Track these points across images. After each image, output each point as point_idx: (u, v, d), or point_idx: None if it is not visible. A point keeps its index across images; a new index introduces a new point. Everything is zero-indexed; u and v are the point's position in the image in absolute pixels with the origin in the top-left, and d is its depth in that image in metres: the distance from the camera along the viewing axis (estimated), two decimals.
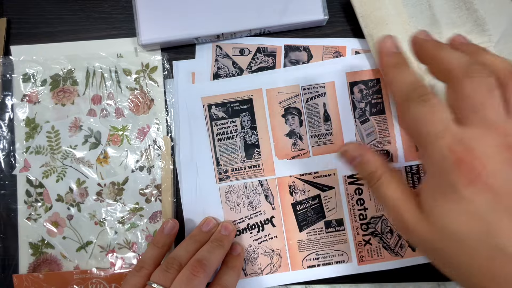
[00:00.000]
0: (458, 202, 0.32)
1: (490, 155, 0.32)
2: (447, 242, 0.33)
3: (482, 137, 0.33)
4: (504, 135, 0.33)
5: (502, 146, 0.32)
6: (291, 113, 0.56)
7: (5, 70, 0.56)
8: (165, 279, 0.46)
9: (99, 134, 0.56)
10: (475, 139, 0.33)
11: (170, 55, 0.57)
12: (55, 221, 0.56)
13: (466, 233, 0.32)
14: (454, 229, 0.33)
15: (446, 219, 0.33)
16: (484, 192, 0.31)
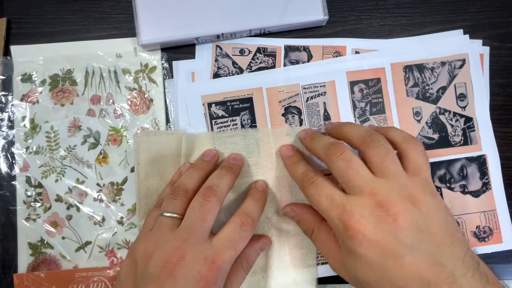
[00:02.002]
0: (358, 259, 0.41)
1: (366, 215, 0.41)
2: (363, 287, 0.42)
3: (358, 201, 0.42)
4: (372, 195, 0.42)
5: (373, 205, 0.41)
6: (291, 112, 0.58)
7: (5, 70, 0.58)
8: (174, 206, 0.48)
9: (98, 134, 0.58)
10: (354, 205, 0.42)
11: (170, 55, 0.59)
12: (54, 221, 0.57)
13: (373, 281, 0.41)
14: (363, 279, 0.41)
15: (356, 272, 0.42)
16: (371, 246, 0.40)
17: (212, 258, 0.43)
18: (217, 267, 0.43)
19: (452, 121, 0.58)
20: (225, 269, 0.44)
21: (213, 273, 0.42)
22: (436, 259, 0.39)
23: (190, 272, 0.42)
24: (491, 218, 0.57)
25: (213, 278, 0.42)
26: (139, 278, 0.43)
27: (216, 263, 0.43)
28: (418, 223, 0.40)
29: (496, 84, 0.59)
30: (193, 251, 0.43)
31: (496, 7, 0.60)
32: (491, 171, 0.58)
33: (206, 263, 0.43)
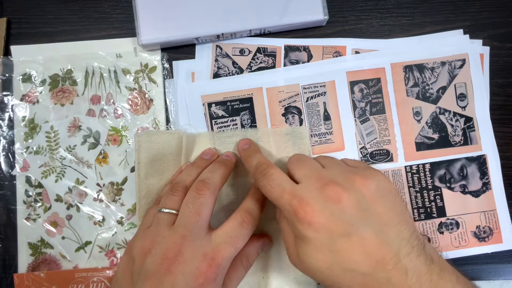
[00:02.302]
0: (308, 243, 0.42)
1: (315, 197, 0.43)
2: (317, 276, 0.43)
3: (306, 186, 0.44)
4: (320, 179, 0.44)
5: (320, 188, 0.43)
6: (291, 112, 0.58)
7: (5, 70, 0.58)
8: (173, 202, 0.48)
9: (98, 134, 0.58)
10: (303, 189, 0.44)
11: (170, 55, 0.59)
12: (54, 221, 0.57)
13: (324, 268, 0.41)
14: (316, 266, 0.42)
15: (308, 260, 0.42)
16: (320, 228, 0.41)
17: (212, 255, 0.43)
18: (217, 264, 0.43)
19: (452, 121, 0.58)
20: (224, 266, 0.44)
21: (213, 270, 0.42)
22: (382, 238, 0.40)
23: (188, 268, 0.42)
24: (491, 218, 0.57)
25: (212, 274, 0.42)
26: (136, 275, 0.43)
27: (216, 260, 0.43)
28: (362, 203, 0.42)
29: (496, 84, 0.59)
30: (192, 247, 0.43)
31: (496, 7, 0.60)
32: (491, 171, 0.58)
33: (206, 260, 0.42)
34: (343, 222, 0.41)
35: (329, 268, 0.41)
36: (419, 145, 0.58)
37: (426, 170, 0.58)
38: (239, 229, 0.46)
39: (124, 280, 0.45)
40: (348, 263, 0.40)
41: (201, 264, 0.42)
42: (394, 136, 0.58)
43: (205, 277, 0.42)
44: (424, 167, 0.58)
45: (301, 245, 0.43)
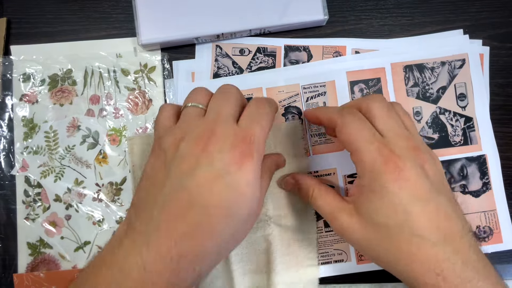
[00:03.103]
0: (385, 197, 0.41)
1: (405, 155, 0.41)
2: (378, 234, 0.41)
3: (398, 142, 0.42)
4: (410, 140, 0.43)
5: (410, 148, 0.42)
6: (291, 112, 0.58)
7: (5, 69, 0.58)
8: (200, 97, 0.46)
9: (97, 134, 0.58)
10: (393, 143, 0.42)
11: (170, 55, 0.59)
12: (53, 221, 0.57)
13: (392, 225, 0.40)
14: (383, 221, 0.41)
15: (375, 213, 0.41)
16: (405, 186, 0.40)
17: (243, 134, 0.41)
18: (249, 141, 0.41)
19: (452, 121, 0.58)
20: (257, 143, 0.42)
21: (246, 145, 0.41)
22: (451, 212, 0.41)
23: (223, 145, 0.40)
24: (491, 218, 0.57)
25: (246, 149, 0.40)
26: (169, 161, 0.41)
27: (247, 137, 0.41)
28: (439, 174, 0.43)
29: (496, 84, 0.59)
30: (223, 128, 0.41)
31: (496, 7, 0.60)
32: (491, 171, 0.58)
33: (237, 138, 0.41)
34: (426, 186, 0.40)
35: (399, 226, 0.40)
36: None
37: None
38: (257, 110, 0.45)
39: (155, 171, 0.43)
40: (418, 229, 0.39)
41: (235, 141, 0.40)
42: None
43: (241, 152, 0.40)
44: None
45: (373, 200, 0.42)
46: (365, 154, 0.42)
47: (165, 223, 0.38)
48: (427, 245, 0.39)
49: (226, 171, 0.39)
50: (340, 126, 0.45)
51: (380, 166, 0.41)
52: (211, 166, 0.39)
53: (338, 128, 0.45)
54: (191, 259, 0.38)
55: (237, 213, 0.40)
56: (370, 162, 0.42)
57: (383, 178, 0.41)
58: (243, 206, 0.40)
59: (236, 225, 0.40)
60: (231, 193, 0.39)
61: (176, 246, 0.37)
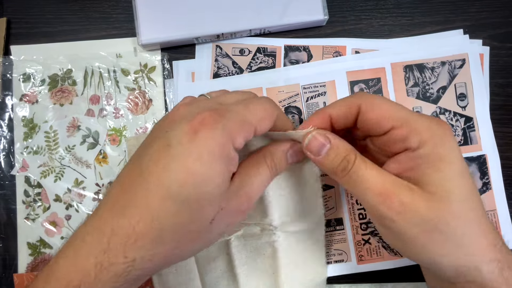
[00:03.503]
0: (455, 163, 0.37)
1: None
2: (449, 209, 0.36)
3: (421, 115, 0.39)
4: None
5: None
6: (292, 112, 0.58)
7: (5, 70, 0.58)
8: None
9: (97, 134, 0.58)
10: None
11: (170, 55, 0.60)
12: (53, 221, 0.57)
13: (464, 195, 0.36)
14: (457, 194, 0.36)
15: (448, 185, 0.36)
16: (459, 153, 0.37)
17: (216, 106, 0.38)
18: (219, 111, 0.36)
19: (453, 121, 0.58)
20: (233, 117, 0.36)
21: (212, 113, 0.35)
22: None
23: (188, 114, 0.36)
24: (491, 218, 0.57)
25: (210, 117, 0.35)
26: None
27: (220, 108, 0.36)
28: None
29: (496, 84, 0.59)
30: (203, 102, 0.39)
31: (496, 7, 0.60)
32: (491, 171, 0.58)
33: (207, 107, 0.37)
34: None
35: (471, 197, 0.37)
36: None
37: None
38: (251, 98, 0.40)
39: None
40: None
41: (203, 110, 0.36)
42: None
43: (202, 119, 0.34)
44: None
45: (442, 169, 0.37)
46: (418, 122, 0.38)
47: (112, 198, 0.36)
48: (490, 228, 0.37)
49: (178, 141, 0.34)
50: (370, 106, 0.40)
51: (443, 131, 0.37)
52: (165, 136, 0.35)
53: (367, 109, 0.40)
54: (121, 240, 0.33)
55: (180, 195, 0.33)
56: (428, 129, 0.37)
57: (447, 144, 0.37)
58: (189, 189, 0.33)
59: (179, 211, 0.34)
60: (174, 169, 0.33)
61: (111, 221, 0.34)
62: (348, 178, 0.39)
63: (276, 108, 0.42)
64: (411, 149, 0.38)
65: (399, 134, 0.38)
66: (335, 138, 0.41)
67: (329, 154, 0.40)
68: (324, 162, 0.41)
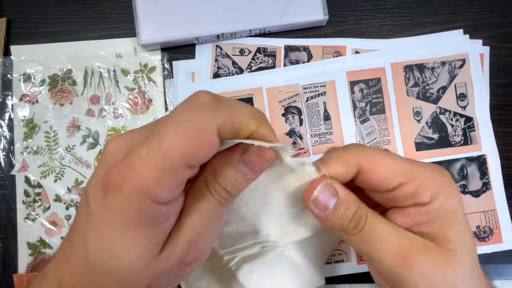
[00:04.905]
0: (464, 215, 0.36)
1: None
2: (465, 268, 0.35)
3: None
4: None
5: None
6: (291, 112, 0.58)
7: (5, 70, 0.58)
8: None
9: (97, 134, 0.58)
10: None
11: (170, 55, 0.60)
12: (53, 221, 0.57)
13: (472, 247, 0.36)
14: (468, 248, 0.35)
15: (462, 238, 0.35)
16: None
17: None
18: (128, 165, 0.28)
19: (452, 121, 0.58)
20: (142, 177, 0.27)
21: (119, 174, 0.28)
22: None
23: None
24: (491, 218, 0.58)
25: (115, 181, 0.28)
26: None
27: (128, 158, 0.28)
28: None
29: (496, 84, 0.60)
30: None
31: (496, 7, 0.60)
32: (491, 171, 0.58)
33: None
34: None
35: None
36: (419, 145, 0.58)
37: None
38: (177, 112, 0.29)
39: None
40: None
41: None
42: (394, 136, 0.58)
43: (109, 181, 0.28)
44: None
45: (454, 226, 0.35)
46: (423, 175, 0.35)
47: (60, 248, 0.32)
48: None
49: (93, 198, 0.29)
50: (373, 167, 0.36)
51: (447, 180, 0.36)
52: (87, 188, 0.30)
53: (370, 170, 0.36)
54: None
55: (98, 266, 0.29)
56: (434, 181, 0.35)
57: (455, 195, 0.35)
58: (108, 260, 0.29)
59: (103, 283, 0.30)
60: (91, 237, 0.29)
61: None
62: (361, 237, 0.35)
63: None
64: (422, 204, 0.35)
65: (408, 191, 0.35)
66: (343, 189, 0.36)
67: (338, 209, 0.35)
68: (333, 218, 0.36)
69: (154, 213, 0.28)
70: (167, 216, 0.30)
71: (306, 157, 0.58)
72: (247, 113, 0.31)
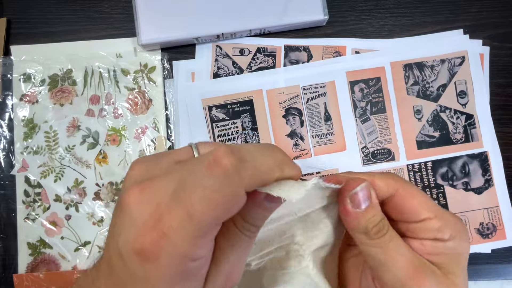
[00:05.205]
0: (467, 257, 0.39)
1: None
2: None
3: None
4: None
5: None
6: (292, 113, 0.58)
7: (5, 70, 0.58)
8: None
9: (97, 134, 0.58)
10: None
11: (170, 55, 0.60)
12: (53, 221, 0.57)
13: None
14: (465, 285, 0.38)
15: (463, 276, 0.38)
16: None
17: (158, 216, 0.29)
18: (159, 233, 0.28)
19: (453, 119, 0.58)
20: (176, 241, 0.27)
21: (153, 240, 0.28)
22: None
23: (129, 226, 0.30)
24: (494, 215, 0.57)
25: (152, 247, 0.28)
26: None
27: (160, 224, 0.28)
28: None
29: (496, 84, 0.60)
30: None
31: (496, 7, 0.61)
32: (493, 167, 0.58)
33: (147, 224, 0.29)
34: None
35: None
36: (420, 144, 0.58)
37: (428, 168, 0.58)
38: (201, 176, 0.28)
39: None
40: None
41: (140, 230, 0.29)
42: (395, 135, 0.58)
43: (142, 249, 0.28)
44: (426, 165, 0.58)
45: (460, 261, 0.39)
46: (447, 217, 0.38)
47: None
48: None
49: (126, 254, 0.29)
50: (409, 193, 0.39)
51: (463, 228, 0.38)
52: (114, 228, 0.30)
53: (406, 195, 0.39)
54: None
55: None
56: (455, 225, 0.38)
57: (467, 241, 0.39)
58: None
59: None
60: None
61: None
62: (381, 241, 0.37)
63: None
64: (442, 240, 0.38)
65: (434, 225, 0.38)
66: (376, 197, 0.39)
67: (369, 211, 0.38)
68: (361, 218, 0.38)
69: (194, 268, 0.30)
70: (206, 263, 0.31)
71: (308, 158, 0.58)
72: (270, 163, 0.31)
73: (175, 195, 0.28)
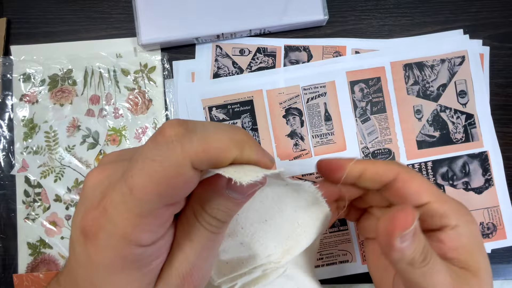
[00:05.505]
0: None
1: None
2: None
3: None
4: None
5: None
6: (292, 113, 0.58)
7: (5, 70, 0.58)
8: None
9: (97, 134, 0.58)
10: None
11: (170, 55, 0.60)
12: (53, 221, 0.57)
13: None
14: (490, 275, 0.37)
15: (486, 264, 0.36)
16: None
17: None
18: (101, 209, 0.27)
19: (453, 118, 0.58)
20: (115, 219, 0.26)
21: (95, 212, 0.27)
22: None
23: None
24: (494, 215, 0.58)
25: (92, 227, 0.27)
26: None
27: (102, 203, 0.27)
28: None
29: (496, 84, 0.60)
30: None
31: (496, 7, 0.61)
32: (493, 167, 0.58)
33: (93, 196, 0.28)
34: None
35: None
36: (420, 143, 0.58)
37: (428, 168, 0.58)
38: (145, 148, 0.27)
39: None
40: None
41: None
42: (395, 135, 0.58)
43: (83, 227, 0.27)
44: (426, 165, 0.58)
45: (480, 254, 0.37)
46: (450, 200, 0.38)
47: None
48: None
49: (76, 241, 0.28)
50: (410, 176, 0.38)
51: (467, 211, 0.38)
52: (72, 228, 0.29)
53: (407, 178, 0.38)
54: None
55: None
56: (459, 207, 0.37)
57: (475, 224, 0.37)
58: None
59: None
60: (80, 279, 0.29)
61: None
62: (427, 269, 0.34)
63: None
64: (450, 226, 0.36)
65: (438, 209, 0.36)
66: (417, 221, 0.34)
67: (415, 241, 0.32)
68: (407, 250, 0.32)
69: (139, 256, 0.27)
70: (155, 254, 0.29)
71: (308, 158, 0.58)
72: (224, 139, 0.28)
73: (124, 172, 0.26)
